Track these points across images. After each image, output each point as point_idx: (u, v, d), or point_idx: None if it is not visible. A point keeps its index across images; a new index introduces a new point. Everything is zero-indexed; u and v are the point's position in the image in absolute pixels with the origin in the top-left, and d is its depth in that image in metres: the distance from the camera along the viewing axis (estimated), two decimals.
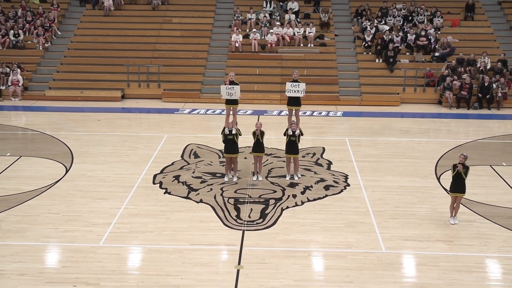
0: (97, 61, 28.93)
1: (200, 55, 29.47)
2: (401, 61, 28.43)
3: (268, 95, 26.94)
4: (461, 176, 14.21)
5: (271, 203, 15.54)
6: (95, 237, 13.63)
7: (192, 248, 13.20)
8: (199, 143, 20.33)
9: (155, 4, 31.88)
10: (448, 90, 26.27)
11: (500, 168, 18.53)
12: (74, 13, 32.26)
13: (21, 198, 15.69)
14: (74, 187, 16.65)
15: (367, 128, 23.02)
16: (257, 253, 13.01)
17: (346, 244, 13.48)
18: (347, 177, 17.57)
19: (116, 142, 20.80)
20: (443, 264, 12.62)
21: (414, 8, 31.33)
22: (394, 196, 16.23)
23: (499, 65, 27.29)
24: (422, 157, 19.43)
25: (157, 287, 11.62)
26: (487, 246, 13.50)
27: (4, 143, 20.60)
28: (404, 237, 13.80)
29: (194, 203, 15.63)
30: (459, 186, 14.34)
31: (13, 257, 12.71)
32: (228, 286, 11.66)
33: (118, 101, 26.78)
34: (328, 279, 12.03)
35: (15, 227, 14.06)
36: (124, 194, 16.13)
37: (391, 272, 12.30)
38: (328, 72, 28.35)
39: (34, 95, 27.13)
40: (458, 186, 14.33)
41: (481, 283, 11.99)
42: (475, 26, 31.09)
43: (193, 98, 26.95)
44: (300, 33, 29.53)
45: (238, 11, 30.94)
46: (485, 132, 22.89)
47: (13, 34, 29.41)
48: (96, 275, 11.99)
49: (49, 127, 22.41)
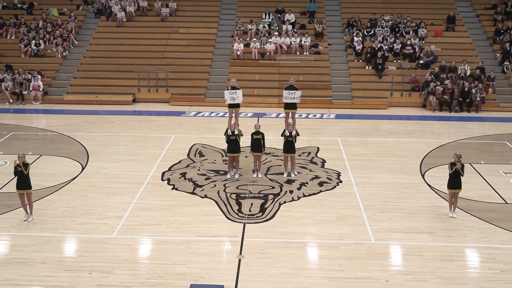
0: (110, 68, 28.92)
1: (205, 62, 29.45)
2: (389, 68, 28.42)
3: (267, 99, 26.92)
4: (459, 173, 14.23)
5: (270, 198, 15.54)
6: (108, 229, 13.64)
7: (197, 239, 13.20)
8: (204, 143, 20.32)
9: (163, 16, 31.86)
10: (432, 95, 26.26)
11: (478, 166, 18.53)
12: (90, 24, 32.22)
13: (41, 193, 15.70)
14: (90, 183, 16.65)
15: (357, 129, 23.01)
16: (257, 244, 13.01)
17: (339, 235, 13.48)
18: (340, 174, 17.56)
19: (128, 142, 20.80)
20: (427, 253, 12.63)
21: (400, 19, 31.32)
22: (383, 191, 16.23)
23: (477, 72, 27.28)
24: (408, 155, 19.42)
25: (165, 275, 11.62)
26: (466, 237, 13.51)
27: (26, 143, 20.61)
28: (392, 229, 13.80)
29: (199, 198, 15.63)
30: (457, 183, 14.34)
31: (35, 246, 12.73)
32: (231, 274, 11.67)
33: (130, 105, 26.77)
34: (322, 268, 12.03)
35: (36, 220, 14.08)
36: (135, 190, 16.13)
37: (380, 261, 12.31)
38: (322, 78, 28.32)
39: (53, 99, 27.11)
40: (456, 183, 14.34)
41: (461, 271, 12.01)
42: (456, 36, 31.07)
43: (198, 102, 26.93)
44: (296, 42, 29.51)
45: (239, 22, 30.92)
46: (465, 133, 22.89)
47: (34, 44, 29.40)
48: (109, 264, 12.01)
49: (66, 129, 22.40)
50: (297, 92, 18.26)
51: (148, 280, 11.40)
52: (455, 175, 14.30)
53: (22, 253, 12.43)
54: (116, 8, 31.82)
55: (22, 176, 13.86)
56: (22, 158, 13.92)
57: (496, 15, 31.60)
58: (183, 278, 11.44)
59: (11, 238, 13.23)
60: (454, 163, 14.26)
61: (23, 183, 13.90)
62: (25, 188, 13.94)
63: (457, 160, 14.22)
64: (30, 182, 14.00)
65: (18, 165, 13.83)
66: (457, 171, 14.21)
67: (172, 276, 11.58)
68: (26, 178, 13.90)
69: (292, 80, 18.67)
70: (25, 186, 13.93)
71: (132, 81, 27.92)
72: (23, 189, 13.94)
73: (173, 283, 11.29)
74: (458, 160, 14.21)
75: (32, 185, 14.11)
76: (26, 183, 13.92)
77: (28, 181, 13.95)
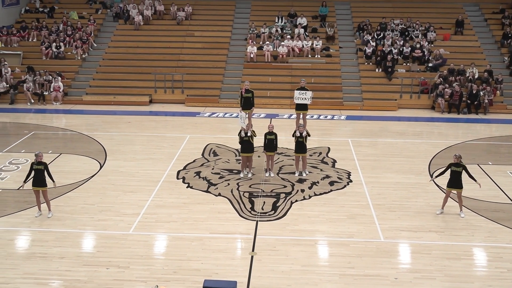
0: (128, 69, 29.02)
1: (219, 65, 29.47)
2: (398, 71, 28.26)
3: (279, 101, 26.88)
4: (459, 173, 14.15)
5: (281, 197, 15.52)
6: (125, 226, 13.69)
7: (211, 236, 13.21)
8: (218, 143, 20.34)
9: (179, 20, 31.92)
10: (440, 97, 26.10)
11: (486, 166, 18.38)
12: (108, 27, 32.37)
13: (61, 190, 15.78)
14: (107, 181, 16.72)
15: (367, 130, 22.92)
16: (269, 241, 13.00)
17: (348, 233, 13.43)
18: (350, 174, 17.50)
19: (144, 141, 20.86)
20: (434, 252, 12.56)
21: (410, 23, 31.16)
22: (392, 191, 16.15)
23: (485, 75, 27.09)
24: (417, 156, 19.31)
25: (180, 270, 11.65)
26: (474, 236, 13.41)
27: (46, 142, 20.73)
28: (400, 228, 13.74)
29: (213, 196, 15.64)
30: (456, 182, 14.27)
31: (54, 242, 12.82)
32: (243, 270, 11.67)
33: (146, 105, 26.84)
34: (332, 265, 12.00)
35: (56, 216, 14.16)
36: (151, 188, 16.17)
37: (388, 259, 12.26)
38: (333, 80, 28.23)
39: (73, 100, 27.26)
40: (455, 182, 14.27)
41: (469, 269, 11.93)
42: (464, 40, 30.84)
43: (212, 103, 26.95)
44: (308, 45, 29.45)
45: (253, 26, 30.91)
46: (473, 134, 22.72)
47: (55, 46, 29.58)
48: (126, 259, 12.05)
49: (85, 128, 22.51)
50: (308, 93, 18.22)
51: (163, 276, 11.42)
52: (454, 174, 14.23)
53: (42, 248, 12.51)
54: (134, 12, 31.94)
55: (38, 173, 13.93)
56: (40, 157, 14.01)
57: (504, 19, 31.32)
58: (197, 274, 11.45)
59: (31, 234, 13.32)
60: (453, 164, 14.25)
61: (39, 180, 13.97)
62: (41, 186, 14.02)
63: (455, 161, 14.16)
64: (45, 180, 14.03)
65: (33, 163, 13.95)
66: (453, 170, 14.20)
67: (187, 271, 11.60)
68: (42, 176, 13.97)
69: (303, 82, 18.64)
70: (41, 184, 14.00)
71: (149, 82, 28.00)
72: (38, 187, 14.02)
73: (188, 279, 11.30)
74: (457, 161, 14.14)
75: (49, 182, 14.16)
76: (42, 181, 13.97)
77: (44, 179, 14.00)
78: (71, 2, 34.05)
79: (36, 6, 33.57)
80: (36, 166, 13.94)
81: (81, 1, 34.16)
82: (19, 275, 11.40)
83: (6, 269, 11.65)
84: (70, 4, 33.90)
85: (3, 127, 23.44)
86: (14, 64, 28.69)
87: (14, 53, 29.50)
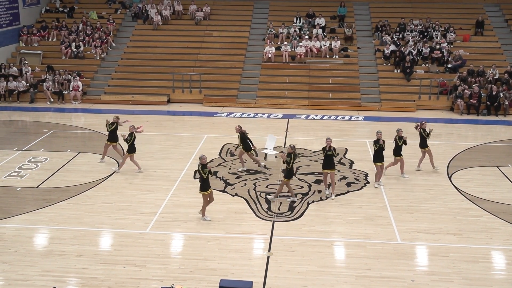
0: (146, 69, 29.18)
1: (237, 65, 29.50)
2: (417, 72, 28.06)
3: (297, 101, 26.83)
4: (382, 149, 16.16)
5: (298, 198, 15.49)
6: (142, 225, 13.76)
7: (227, 236, 13.23)
8: (235, 143, 20.33)
9: (197, 20, 32.01)
10: (460, 98, 25.87)
11: (505, 169, 18.17)
12: (127, 27, 32.56)
13: (79, 189, 15.92)
14: (125, 180, 16.82)
15: (385, 132, 22.54)
16: (286, 242, 12.99)
17: (365, 235, 13.37)
18: (367, 175, 17.42)
19: (162, 141, 20.95)
20: (452, 254, 12.45)
21: (429, 24, 30.91)
22: (409, 193, 16.05)
23: (506, 76, 26.80)
24: (435, 158, 19.07)
25: (196, 269, 11.68)
26: (492, 239, 13.27)
27: (65, 140, 20.92)
28: (418, 230, 13.64)
29: (230, 196, 15.67)
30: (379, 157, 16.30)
31: (72, 240, 12.92)
32: (259, 271, 11.67)
33: (164, 105, 26.95)
34: (349, 266, 11.95)
35: (74, 214, 14.29)
36: (169, 187, 16.24)
37: (406, 261, 12.18)
38: (351, 81, 28.12)
39: (91, 99, 27.47)
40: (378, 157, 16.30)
41: (487, 272, 11.81)
42: (484, 40, 30.53)
43: (230, 103, 26.98)
44: (326, 45, 29.37)
45: (271, 26, 30.89)
46: (492, 136, 22.47)
47: (74, 46, 29.83)
48: (143, 258, 12.11)
49: (104, 127, 22.59)
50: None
51: (180, 275, 11.46)
52: (379, 150, 16.20)
53: (60, 246, 12.62)
54: (153, 12, 32.09)
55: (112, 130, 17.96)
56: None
57: None
58: (213, 273, 11.48)
59: (50, 232, 13.44)
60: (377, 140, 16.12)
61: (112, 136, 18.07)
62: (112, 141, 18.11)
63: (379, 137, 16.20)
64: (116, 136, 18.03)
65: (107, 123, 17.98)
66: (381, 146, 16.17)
67: (203, 271, 11.63)
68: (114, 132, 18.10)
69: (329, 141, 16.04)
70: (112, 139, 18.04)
71: (167, 82, 28.12)
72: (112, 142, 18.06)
73: (204, 278, 11.33)
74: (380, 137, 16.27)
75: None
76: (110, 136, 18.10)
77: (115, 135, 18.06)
78: (90, 2, 34.30)
79: (56, 6, 33.88)
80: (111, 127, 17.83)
81: (100, 1, 34.41)
82: (37, 272, 11.52)
83: (25, 266, 11.78)
84: (89, 4, 34.15)
85: (23, 126, 23.71)
86: (34, 64, 29.01)
87: (34, 52, 29.84)
